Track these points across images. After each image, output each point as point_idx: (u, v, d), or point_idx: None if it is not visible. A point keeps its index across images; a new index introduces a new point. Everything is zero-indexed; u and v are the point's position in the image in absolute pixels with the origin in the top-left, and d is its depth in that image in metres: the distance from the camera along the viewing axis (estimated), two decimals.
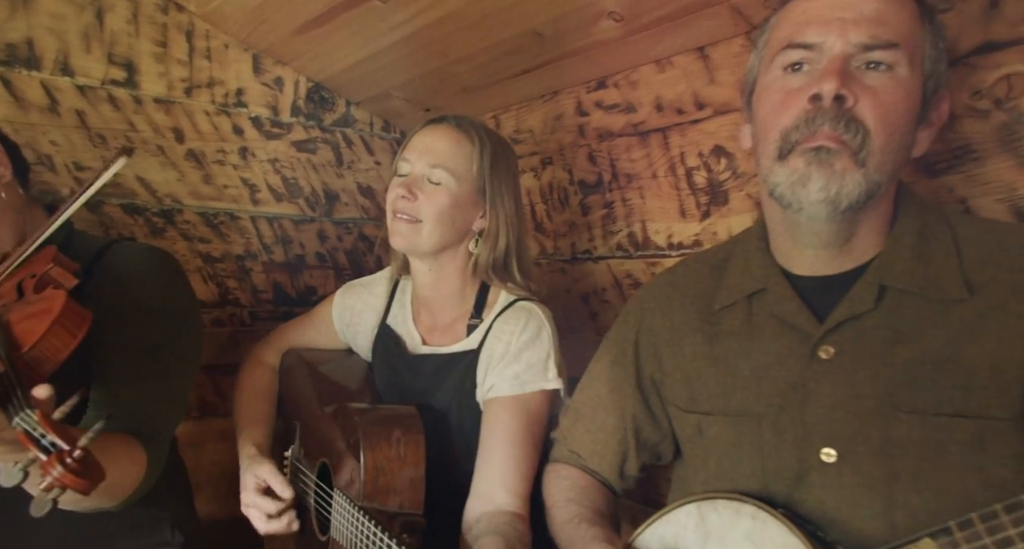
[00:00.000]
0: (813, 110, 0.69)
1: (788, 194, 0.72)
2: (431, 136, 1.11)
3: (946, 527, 0.59)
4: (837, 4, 0.70)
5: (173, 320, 1.04)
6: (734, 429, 0.80)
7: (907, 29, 0.70)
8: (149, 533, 1.11)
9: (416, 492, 0.95)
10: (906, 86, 0.70)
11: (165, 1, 1.55)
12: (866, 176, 0.69)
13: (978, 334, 0.68)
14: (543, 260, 1.62)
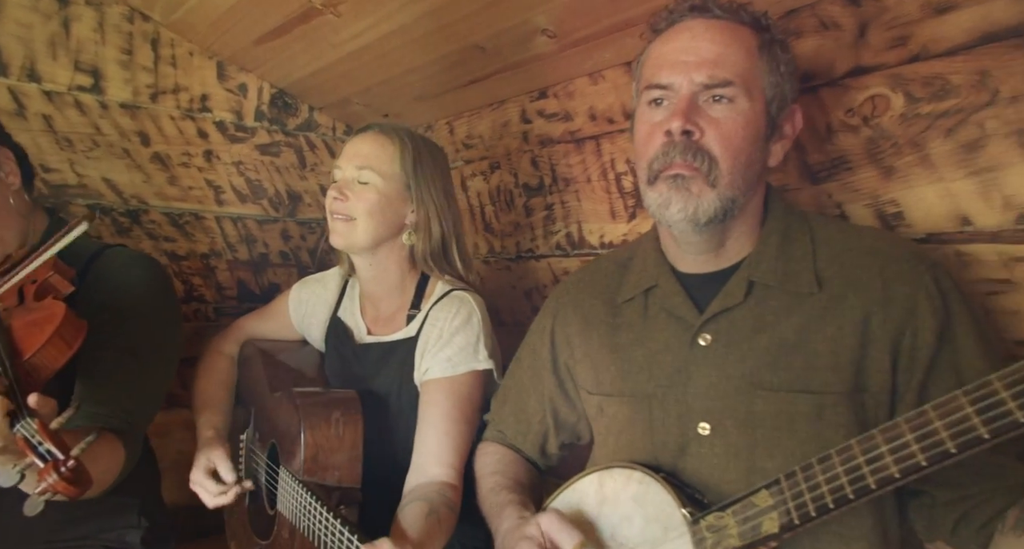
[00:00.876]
0: (668, 144, 0.80)
1: (657, 214, 0.83)
2: (358, 142, 1.21)
3: (777, 479, 0.69)
4: (683, 49, 0.81)
5: (156, 325, 1.12)
6: (629, 408, 0.90)
7: (742, 67, 0.80)
8: (116, 518, 1.18)
9: (354, 468, 1.05)
10: (746, 115, 0.80)
11: (131, 11, 1.63)
12: (719, 195, 0.80)
13: (822, 322, 0.79)
14: (491, 258, 1.72)
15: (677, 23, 0.84)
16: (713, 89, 0.80)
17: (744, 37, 0.82)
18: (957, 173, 0.90)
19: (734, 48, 0.81)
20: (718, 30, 0.82)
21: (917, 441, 0.59)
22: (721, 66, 0.79)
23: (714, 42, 0.81)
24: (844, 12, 1.00)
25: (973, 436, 0.56)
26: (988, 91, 0.87)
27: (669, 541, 0.75)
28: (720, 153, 0.79)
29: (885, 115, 0.97)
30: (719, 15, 0.82)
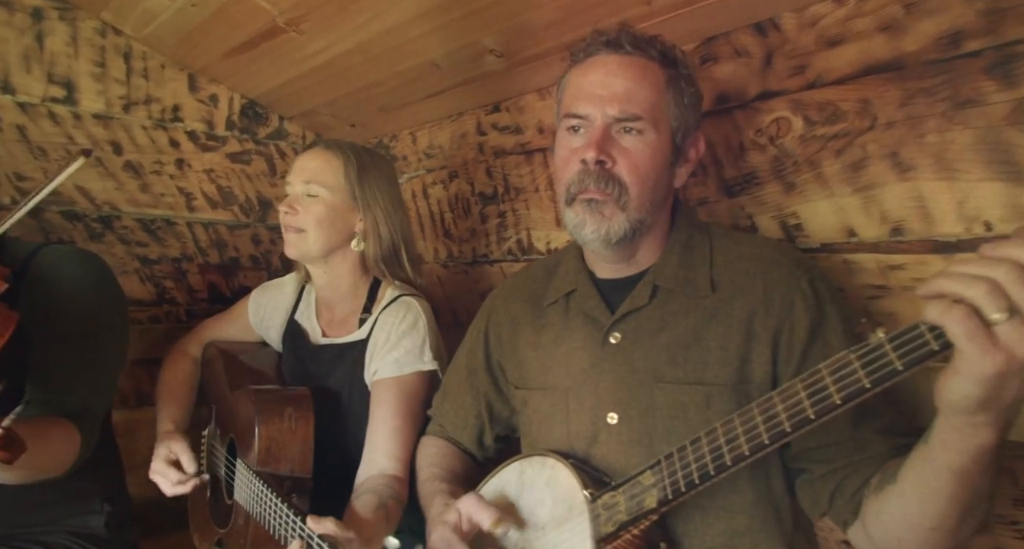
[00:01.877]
0: (583, 171, 0.88)
1: (574, 233, 0.92)
2: (305, 159, 1.30)
3: (658, 460, 0.78)
4: (598, 83, 0.89)
5: (99, 315, 1.17)
6: (549, 400, 0.99)
7: (650, 102, 0.89)
8: (78, 503, 1.25)
9: (305, 459, 1.13)
10: (653, 145, 0.89)
11: (103, 26, 1.70)
12: (628, 217, 0.88)
13: (714, 321, 0.88)
14: (450, 263, 1.81)
15: (593, 56, 0.92)
16: (623, 122, 0.88)
17: (653, 73, 0.91)
18: (845, 190, 1.00)
19: (643, 84, 0.89)
20: (629, 67, 0.90)
21: (764, 418, 0.68)
22: (631, 101, 0.88)
23: (626, 79, 0.89)
24: (753, 41, 1.10)
25: (802, 418, 0.66)
26: (869, 117, 0.97)
27: (572, 519, 0.83)
28: (630, 180, 0.88)
29: (787, 136, 1.07)
30: (630, 52, 0.91)
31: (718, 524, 0.85)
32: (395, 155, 1.95)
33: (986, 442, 0.59)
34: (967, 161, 0.87)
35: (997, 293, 0.52)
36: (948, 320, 0.53)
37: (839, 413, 0.64)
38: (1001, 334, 0.52)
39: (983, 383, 0.54)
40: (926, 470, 0.66)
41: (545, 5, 1.21)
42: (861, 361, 0.62)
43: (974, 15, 0.85)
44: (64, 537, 1.22)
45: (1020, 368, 0.53)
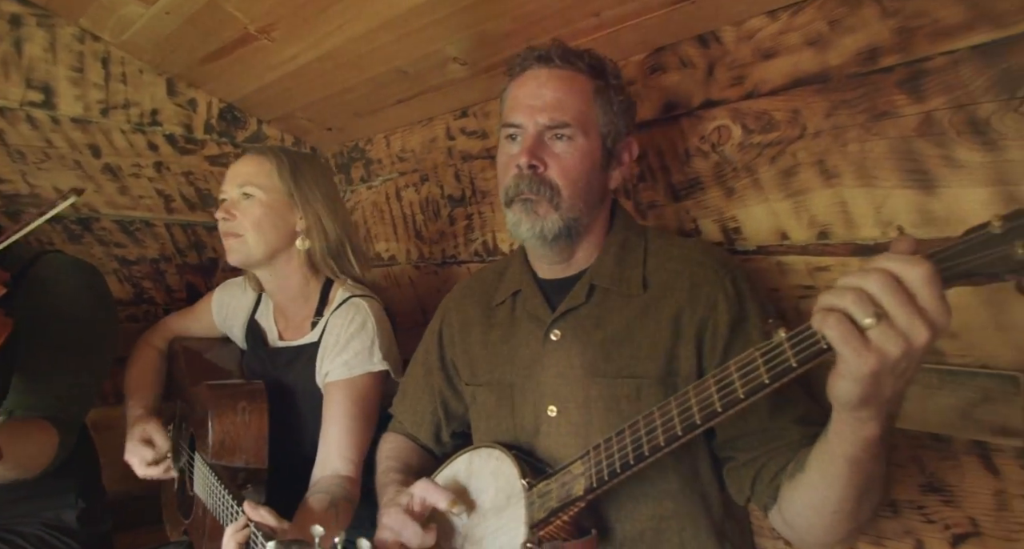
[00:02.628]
0: (519, 175, 0.95)
1: (512, 231, 0.98)
2: (237, 166, 1.33)
3: (587, 451, 0.83)
4: (530, 95, 0.96)
5: (90, 325, 1.22)
6: (495, 395, 1.04)
7: (578, 110, 0.95)
8: (54, 499, 1.30)
9: (260, 451, 1.17)
10: (582, 149, 0.95)
11: (81, 32, 1.74)
12: (562, 216, 0.94)
13: (645, 319, 0.93)
14: (420, 263, 1.85)
15: (527, 70, 0.99)
16: (554, 129, 0.95)
17: (581, 84, 0.97)
18: (778, 195, 1.06)
19: (571, 94, 0.95)
20: (558, 79, 0.96)
21: (679, 411, 0.74)
22: (560, 110, 0.94)
23: (554, 89, 0.95)
24: (697, 53, 1.15)
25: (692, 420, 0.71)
26: (799, 126, 1.02)
27: (510, 507, 0.88)
28: (561, 183, 0.94)
29: (728, 143, 1.12)
30: (559, 65, 0.97)
31: (646, 509, 0.90)
32: (370, 158, 2.00)
33: (872, 434, 0.65)
34: (883, 169, 0.92)
35: (865, 301, 0.56)
36: (824, 326, 0.59)
37: (744, 406, 0.69)
38: (872, 337, 0.57)
39: (860, 381, 0.59)
40: (825, 459, 0.71)
41: (502, 16, 1.26)
42: (763, 358, 0.67)
43: (888, 33, 0.91)
44: (38, 528, 1.26)
45: (892, 367, 0.58)
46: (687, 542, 0.90)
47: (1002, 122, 0.81)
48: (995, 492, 0.85)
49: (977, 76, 0.83)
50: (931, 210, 0.88)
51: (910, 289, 0.55)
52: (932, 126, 0.87)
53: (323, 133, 2.08)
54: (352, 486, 1.16)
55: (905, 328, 0.56)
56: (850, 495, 0.71)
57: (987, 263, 0.54)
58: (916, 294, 0.55)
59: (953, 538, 0.90)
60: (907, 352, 0.56)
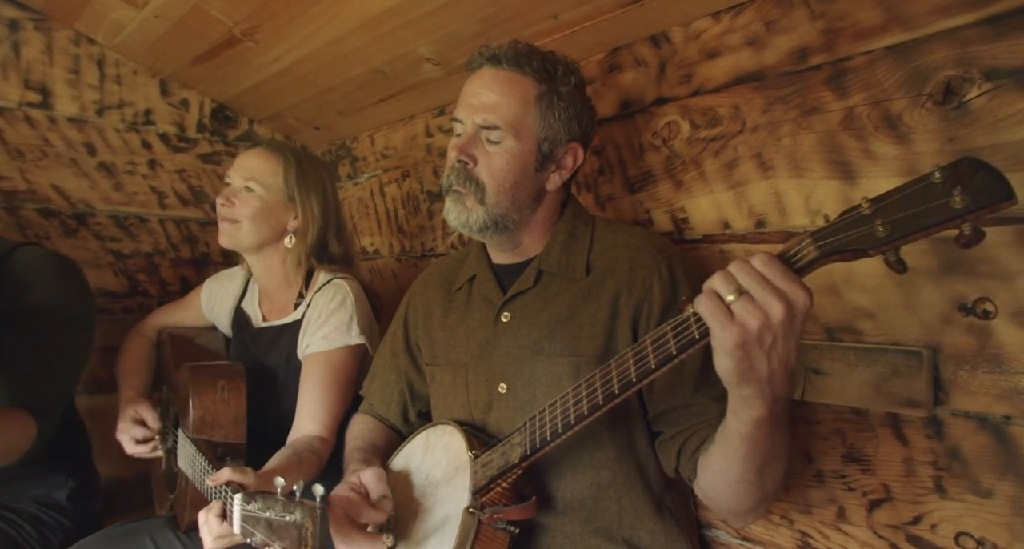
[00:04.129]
0: (451, 168, 1.01)
1: (446, 217, 1.04)
2: (247, 157, 1.41)
3: (524, 423, 0.89)
4: (473, 93, 1.01)
5: (64, 317, 1.26)
6: (451, 375, 1.10)
7: (512, 114, 0.99)
8: (45, 478, 1.36)
9: (238, 427, 1.24)
10: (512, 152, 0.99)
11: (77, 35, 1.82)
12: (487, 211, 1.00)
13: (587, 301, 0.99)
14: (402, 256, 1.92)
15: (479, 69, 1.04)
16: (485, 130, 1.00)
17: (523, 88, 1.01)
18: (721, 186, 1.11)
19: (509, 98, 1.00)
20: (501, 81, 1.00)
21: (602, 382, 0.80)
22: (494, 112, 0.99)
23: (493, 91, 1.00)
24: (650, 52, 1.21)
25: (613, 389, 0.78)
26: (739, 122, 1.08)
27: (457, 476, 0.95)
28: (487, 181, 1.00)
29: (677, 138, 1.18)
30: (506, 67, 1.01)
31: (585, 479, 0.96)
32: (356, 156, 2.07)
33: (759, 414, 0.70)
34: (812, 161, 0.98)
35: (728, 279, 0.65)
36: (698, 304, 0.67)
37: (656, 376, 0.74)
38: (735, 310, 0.64)
39: (730, 354, 0.65)
40: (725, 435, 0.78)
41: (468, 18, 1.33)
42: (672, 332, 0.73)
43: (816, 33, 0.97)
44: (30, 505, 1.33)
45: (757, 339, 0.64)
46: (625, 510, 0.96)
47: (912, 117, 0.87)
48: (904, 460, 0.91)
49: (891, 74, 0.89)
50: (853, 199, 0.93)
51: (757, 269, 0.64)
52: (853, 121, 0.93)
53: (311, 132, 2.16)
54: (321, 444, 1.23)
55: (761, 301, 0.63)
56: (750, 467, 0.77)
57: (853, 240, 0.61)
58: (761, 272, 0.64)
59: (869, 504, 0.95)
60: (766, 324, 0.63)
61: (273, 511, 0.80)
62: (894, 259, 0.62)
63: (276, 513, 0.79)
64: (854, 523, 0.98)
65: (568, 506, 0.96)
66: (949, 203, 0.56)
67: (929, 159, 0.85)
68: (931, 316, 0.88)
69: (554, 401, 0.86)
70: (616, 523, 0.96)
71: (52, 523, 1.33)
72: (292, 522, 0.78)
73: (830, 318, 0.98)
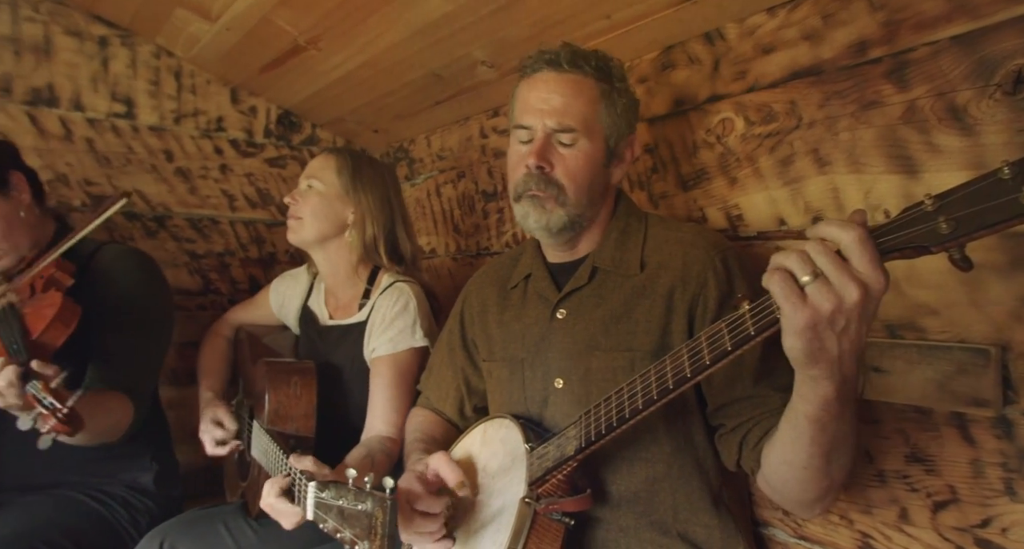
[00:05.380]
0: (528, 174, 1.02)
1: (521, 223, 1.05)
2: (313, 161, 1.52)
3: (580, 416, 0.91)
4: (540, 98, 1.02)
5: (148, 308, 1.39)
6: (508, 370, 1.13)
7: (583, 114, 1.01)
8: (131, 461, 1.47)
9: (308, 421, 1.31)
10: (586, 151, 1.02)
11: (158, 49, 1.94)
12: (567, 212, 1.02)
13: (641, 297, 1.00)
14: (458, 255, 1.97)
15: (537, 72, 1.05)
16: (560, 133, 1.02)
17: (587, 88, 1.03)
18: (777, 183, 1.10)
19: (578, 99, 1.02)
20: (566, 83, 1.02)
21: (656, 378, 0.81)
22: (566, 114, 1.01)
23: (562, 94, 1.01)
24: (704, 50, 1.21)
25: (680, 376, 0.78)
26: (796, 117, 1.07)
27: (514, 467, 0.98)
28: (566, 183, 1.02)
29: (731, 135, 1.17)
30: (567, 69, 1.02)
31: (640, 472, 0.97)
32: (412, 157, 2.13)
33: (827, 394, 0.70)
34: (871, 156, 0.96)
35: (805, 260, 0.63)
36: (770, 283, 0.65)
37: (712, 371, 0.75)
38: (809, 293, 0.63)
39: (800, 335, 0.65)
40: (791, 419, 0.77)
41: (521, 21, 1.36)
42: (728, 328, 0.73)
43: (876, 26, 0.95)
44: (120, 488, 1.44)
45: (829, 322, 0.63)
46: (680, 504, 0.97)
47: (978, 108, 0.84)
48: (971, 461, 0.88)
49: (956, 65, 0.86)
50: (915, 194, 0.91)
51: (844, 252, 0.62)
52: (915, 114, 0.91)
53: (370, 135, 2.23)
54: (392, 445, 1.29)
55: (838, 285, 0.62)
56: (816, 452, 0.76)
57: (914, 237, 0.60)
58: (850, 257, 0.62)
59: (934, 505, 0.93)
60: (839, 308, 0.62)
61: (345, 500, 0.85)
62: (958, 256, 0.60)
63: (348, 502, 0.84)
64: (918, 525, 0.96)
65: (623, 499, 0.98)
66: (1019, 199, 0.55)
67: (997, 151, 0.82)
68: (999, 313, 0.85)
69: (609, 396, 0.88)
70: (671, 517, 0.97)
71: (140, 506, 1.43)
72: (363, 511, 0.82)
73: (891, 315, 0.96)
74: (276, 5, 1.53)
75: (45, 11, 1.76)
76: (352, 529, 0.83)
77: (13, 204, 1.33)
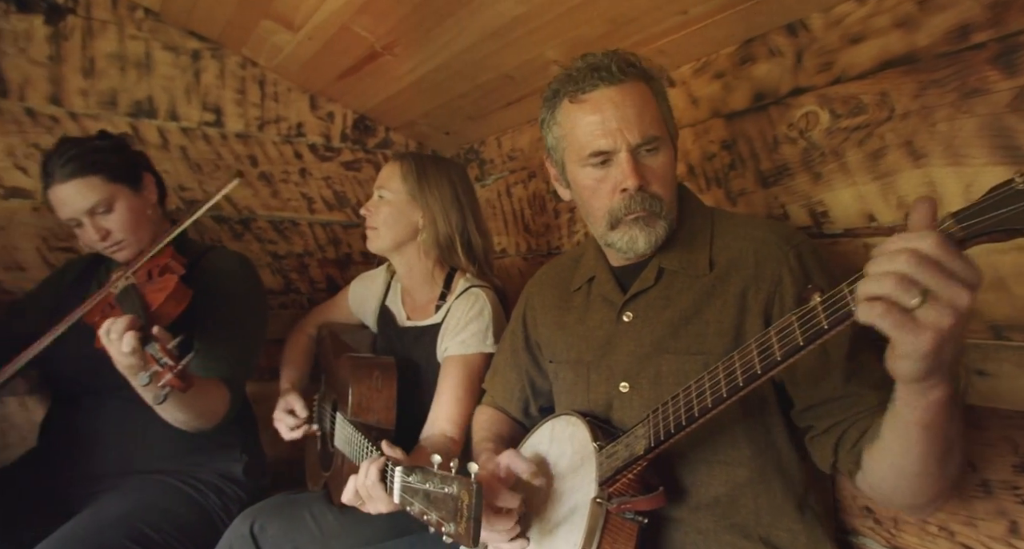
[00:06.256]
0: (626, 197, 0.97)
1: (625, 248, 1.00)
2: (382, 170, 1.55)
3: (647, 415, 0.89)
4: (611, 117, 0.96)
5: (248, 306, 1.49)
6: (572, 373, 1.12)
7: (655, 119, 0.97)
8: (222, 451, 1.55)
9: (389, 413, 1.35)
10: (668, 157, 0.99)
11: (244, 60, 2.04)
12: (667, 222, 0.99)
13: (711, 297, 0.97)
14: (529, 255, 1.98)
15: (593, 91, 0.98)
16: (644, 146, 0.97)
17: (644, 92, 0.99)
18: (866, 178, 1.05)
19: (647, 106, 0.98)
20: (628, 94, 0.97)
21: (725, 374, 0.78)
22: (646, 124, 0.97)
23: (632, 106, 0.96)
24: (786, 42, 1.17)
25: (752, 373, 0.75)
26: (887, 108, 1.02)
27: (583, 466, 0.97)
28: (663, 193, 0.99)
29: (815, 129, 1.13)
30: (622, 78, 0.97)
31: (720, 475, 0.95)
32: (483, 159, 2.16)
33: (942, 396, 0.66)
34: (973, 147, 0.91)
35: (905, 283, 0.57)
36: (874, 318, 0.60)
37: (783, 367, 0.72)
38: (921, 316, 0.57)
39: (924, 359, 0.60)
40: (899, 426, 0.72)
41: (595, 20, 1.35)
42: (799, 321, 0.70)
43: (980, 8, 0.89)
44: (213, 476, 1.52)
45: (950, 337, 0.59)
46: (763, 508, 0.94)
47: None
48: None
49: None
50: None
51: (935, 259, 0.57)
52: None
53: (441, 137, 2.27)
54: (455, 446, 1.31)
55: (949, 297, 0.57)
56: (932, 458, 0.72)
57: (1004, 219, 0.56)
58: (940, 262, 0.57)
59: None
60: (957, 319, 0.57)
61: (431, 484, 0.87)
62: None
63: (434, 486, 0.87)
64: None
65: (702, 502, 0.96)
66: None
67: None
68: None
69: (676, 394, 0.86)
70: (754, 521, 0.94)
71: (231, 494, 1.51)
72: (448, 495, 0.84)
73: (997, 316, 0.90)
74: (355, 13, 1.58)
75: (147, 29, 1.88)
76: (438, 512, 0.86)
77: (142, 201, 1.46)
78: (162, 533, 1.29)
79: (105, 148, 1.43)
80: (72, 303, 1.38)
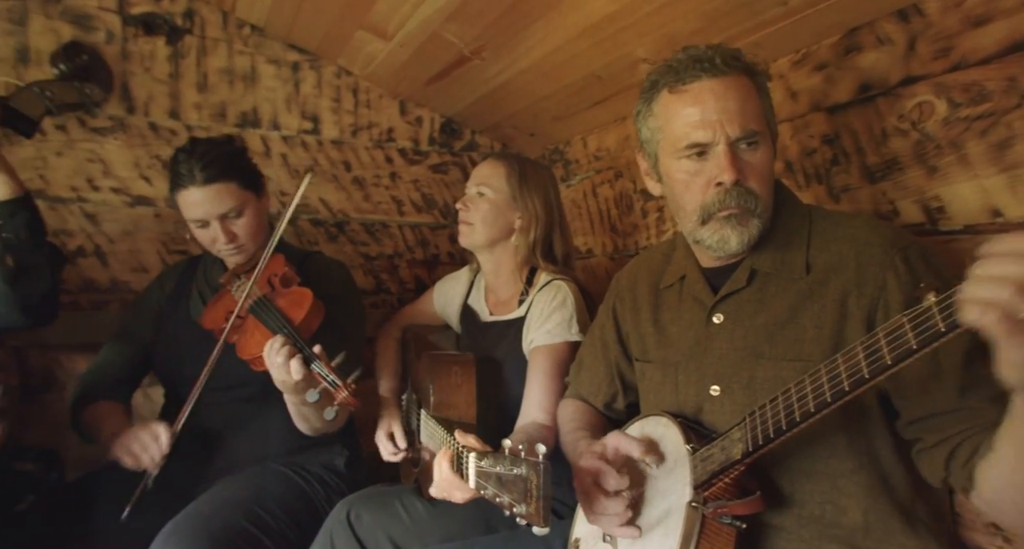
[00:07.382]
0: (722, 191, 0.94)
1: (714, 246, 0.97)
2: (480, 167, 1.58)
3: (744, 418, 0.86)
4: (712, 109, 0.93)
5: (350, 307, 1.56)
6: (660, 373, 1.09)
7: (756, 113, 0.94)
8: (326, 447, 1.62)
9: (469, 408, 1.38)
10: (768, 151, 0.96)
11: (339, 69, 2.14)
12: (761, 221, 0.96)
13: (809, 302, 0.92)
14: (615, 255, 1.96)
15: (694, 82, 0.96)
16: (744, 139, 0.95)
17: (748, 86, 0.96)
18: (990, 170, 0.98)
19: (749, 100, 0.95)
20: (731, 86, 0.94)
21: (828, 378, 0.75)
22: (746, 118, 0.94)
23: (734, 99, 0.94)
24: (896, 28, 1.11)
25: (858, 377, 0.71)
26: (1016, 94, 0.94)
27: (677, 468, 0.95)
28: (760, 190, 0.96)
29: (930, 120, 1.06)
30: (725, 71, 0.94)
31: (823, 487, 0.90)
32: (568, 159, 2.16)
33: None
34: None
35: (1021, 292, 0.55)
36: (986, 325, 0.57)
37: (894, 371, 0.68)
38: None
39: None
40: (1018, 440, 0.67)
41: (688, 14, 1.32)
42: (911, 323, 0.66)
43: None
44: (319, 468, 1.60)
45: None
46: (872, 523, 0.88)
47: None
48: None
49: None
50: None
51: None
52: None
53: (526, 139, 2.29)
54: (548, 432, 1.32)
55: None
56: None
57: None
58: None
59: None
60: None
61: (502, 467, 0.89)
62: None
63: (504, 468, 0.89)
64: None
65: (805, 512, 0.91)
66: None
67: None
68: None
69: (774, 397, 0.83)
70: (862, 534, 0.89)
71: (334, 486, 1.58)
72: (519, 476, 0.87)
73: None
74: (446, 19, 1.62)
75: (252, 44, 2.01)
76: (510, 494, 0.88)
77: (263, 207, 1.55)
78: (275, 517, 1.37)
79: (237, 154, 1.50)
80: (174, 310, 1.47)
